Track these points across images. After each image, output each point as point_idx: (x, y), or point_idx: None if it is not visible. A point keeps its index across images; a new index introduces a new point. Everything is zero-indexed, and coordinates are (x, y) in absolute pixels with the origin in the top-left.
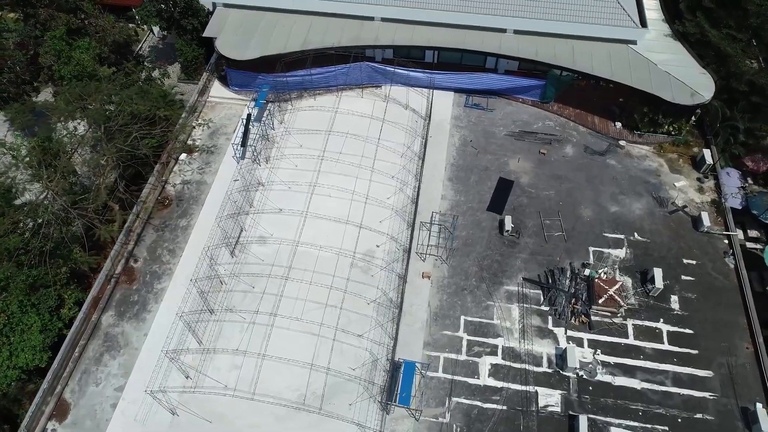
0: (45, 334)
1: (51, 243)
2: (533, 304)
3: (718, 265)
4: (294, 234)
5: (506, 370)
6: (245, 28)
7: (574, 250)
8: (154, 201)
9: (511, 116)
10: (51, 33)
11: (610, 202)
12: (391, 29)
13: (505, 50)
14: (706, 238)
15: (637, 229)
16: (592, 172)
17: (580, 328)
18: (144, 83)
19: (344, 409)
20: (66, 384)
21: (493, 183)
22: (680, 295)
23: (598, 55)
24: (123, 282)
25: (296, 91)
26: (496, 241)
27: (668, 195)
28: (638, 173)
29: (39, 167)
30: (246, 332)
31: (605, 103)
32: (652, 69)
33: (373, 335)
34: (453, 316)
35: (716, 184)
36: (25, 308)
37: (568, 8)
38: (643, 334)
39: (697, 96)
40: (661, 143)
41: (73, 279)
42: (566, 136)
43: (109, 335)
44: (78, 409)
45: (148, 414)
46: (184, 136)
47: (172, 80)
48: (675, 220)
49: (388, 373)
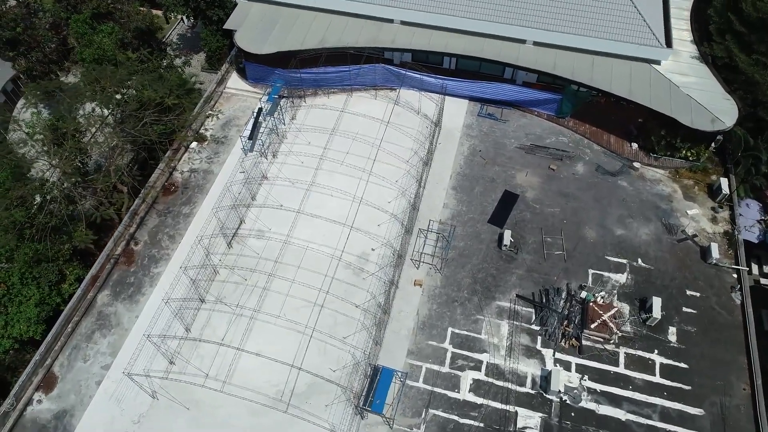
0: (41, 308)
1: (56, 219)
2: (524, 322)
3: (724, 300)
4: (291, 231)
5: (488, 387)
6: (265, 22)
7: (573, 271)
8: (161, 186)
9: (525, 129)
10: (75, 16)
11: (617, 224)
12: (409, 33)
13: (523, 61)
14: (714, 270)
15: (642, 255)
16: (601, 193)
17: (569, 352)
18: (165, 70)
19: (320, 409)
20: (56, 357)
21: (498, 195)
22: (679, 328)
23: (618, 72)
24: (122, 263)
25: (310, 88)
26: (493, 255)
27: (679, 222)
28: (650, 197)
29: (48, 145)
30: (233, 324)
31: (623, 122)
32: (674, 91)
33: (358, 338)
34: (440, 327)
35: (731, 215)
36: (26, 281)
37: (592, 23)
38: (634, 364)
39: (718, 122)
40: (677, 168)
41: (77, 256)
42: (579, 153)
43: (103, 314)
44: (64, 383)
45: (130, 395)
46: (197, 124)
47: (194, 69)
48: (683, 249)
49: (367, 378)
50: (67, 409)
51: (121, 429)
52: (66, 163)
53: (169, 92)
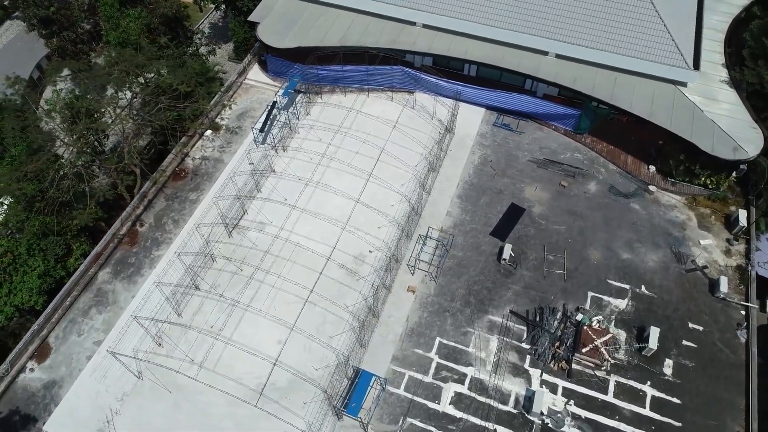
0: (43, 279)
1: (66, 195)
2: (515, 339)
3: (727, 337)
4: (292, 226)
5: (469, 401)
6: (289, 17)
7: (572, 292)
8: (172, 170)
9: (539, 142)
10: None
11: (624, 248)
12: (430, 36)
13: (543, 73)
14: (721, 305)
15: (646, 282)
16: (611, 214)
17: (557, 374)
18: (190, 58)
19: (298, 406)
20: (53, 329)
21: (504, 207)
22: (676, 361)
23: (640, 91)
24: (125, 243)
25: (328, 85)
26: (491, 268)
27: (689, 252)
28: (662, 223)
29: (62, 123)
30: (223, 313)
31: (643, 143)
32: (697, 115)
33: (345, 339)
34: (428, 336)
35: (747, 249)
36: (32, 252)
37: (618, 39)
38: (624, 394)
39: (740, 151)
40: (694, 195)
41: (86, 233)
42: (593, 171)
43: (101, 291)
44: (57, 355)
45: (117, 373)
46: (214, 113)
47: (222, 58)
48: (690, 280)
49: (349, 381)
50: (56, 380)
51: (104, 404)
52: (77, 141)
53: (187, 79)
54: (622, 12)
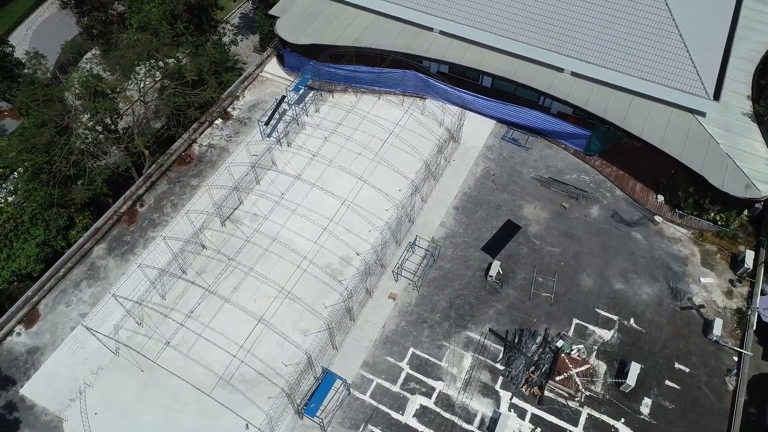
0: (41, 248)
1: (73, 170)
2: (490, 358)
3: (715, 383)
4: (285, 221)
5: (433, 416)
6: (308, 13)
7: (557, 317)
8: (178, 155)
9: (546, 160)
10: None
11: (618, 277)
12: (445, 44)
13: (555, 90)
14: (713, 348)
15: (636, 315)
16: (610, 241)
17: (528, 399)
18: (213, 46)
19: (263, 400)
20: (44, 297)
21: (499, 224)
22: (655, 401)
23: (655, 117)
24: (124, 221)
25: (341, 84)
26: (476, 284)
27: (688, 289)
28: (662, 256)
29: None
30: (204, 299)
31: (654, 170)
32: (712, 147)
33: (318, 339)
34: (402, 345)
35: (750, 292)
36: (36, 221)
37: (637, 61)
38: (595, 428)
39: (753, 189)
40: (702, 230)
41: (90, 207)
42: (598, 195)
43: (94, 266)
44: (44, 322)
45: (95, 346)
46: (226, 103)
47: (245, 48)
48: (684, 318)
49: (316, 380)
50: (39, 347)
51: (79, 375)
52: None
53: (197, 68)
54: (644, 34)
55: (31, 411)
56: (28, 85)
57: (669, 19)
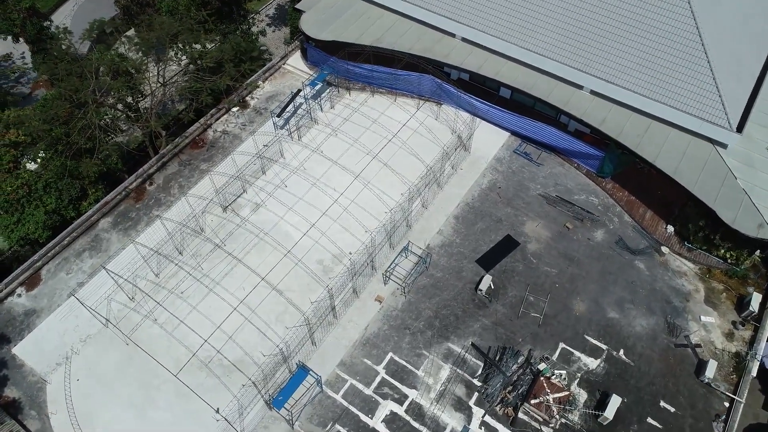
0: (49, 216)
1: (90, 143)
2: (468, 373)
3: (700, 427)
4: (283, 213)
5: (402, 424)
6: (333, 10)
7: (542, 339)
8: (192, 138)
9: (556, 178)
10: None
11: (613, 306)
12: (466, 51)
13: (571, 107)
14: (704, 391)
15: (627, 347)
16: (610, 267)
17: (501, 419)
18: (241, 36)
19: (236, 387)
20: (47, 263)
21: (498, 238)
22: None
23: (672, 144)
24: (131, 198)
25: (359, 83)
26: (465, 296)
27: (686, 326)
28: (664, 288)
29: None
30: (195, 282)
31: (667, 199)
32: (728, 182)
33: (299, 333)
34: (382, 349)
35: (753, 336)
36: (49, 190)
37: (659, 86)
38: None
39: (766, 229)
40: (710, 266)
41: (104, 181)
42: (605, 219)
43: (98, 238)
44: (44, 287)
45: (87, 315)
46: (246, 91)
47: (276, 39)
48: (677, 356)
49: (291, 374)
50: (36, 310)
51: (68, 342)
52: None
53: (217, 55)
54: (669, 57)
55: (19, 370)
56: (52, 58)
57: (699, 44)
